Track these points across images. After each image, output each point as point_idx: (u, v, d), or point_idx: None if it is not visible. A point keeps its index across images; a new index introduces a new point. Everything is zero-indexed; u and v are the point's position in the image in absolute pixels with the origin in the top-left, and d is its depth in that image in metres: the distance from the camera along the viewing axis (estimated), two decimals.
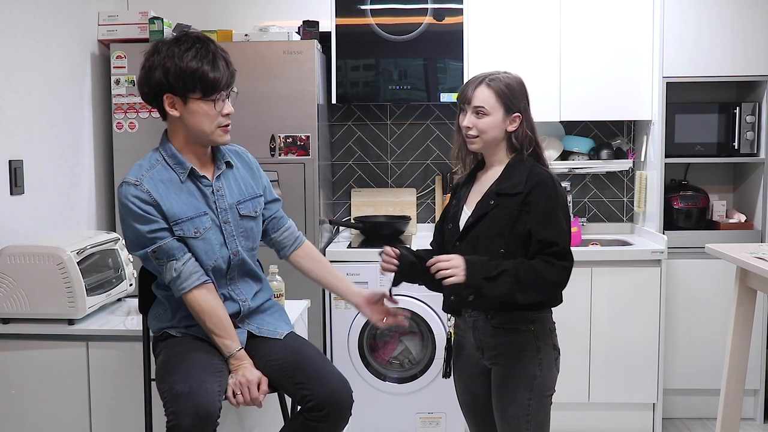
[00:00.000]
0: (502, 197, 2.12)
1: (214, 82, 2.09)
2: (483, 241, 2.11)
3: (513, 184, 2.12)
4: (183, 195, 2.15)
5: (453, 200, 2.30)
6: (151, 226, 2.10)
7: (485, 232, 2.11)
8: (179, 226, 2.13)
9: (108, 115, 3.48)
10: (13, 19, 2.78)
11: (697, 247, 3.46)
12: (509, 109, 2.15)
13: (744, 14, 3.61)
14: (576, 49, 3.68)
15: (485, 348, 2.18)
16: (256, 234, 2.30)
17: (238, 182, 2.26)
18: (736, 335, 2.92)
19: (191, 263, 2.13)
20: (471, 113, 2.16)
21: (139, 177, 2.12)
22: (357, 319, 3.47)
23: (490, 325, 2.15)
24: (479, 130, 2.15)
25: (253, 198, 2.28)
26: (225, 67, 2.12)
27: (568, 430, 3.62)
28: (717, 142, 3.74)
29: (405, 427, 3.49)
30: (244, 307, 2.25)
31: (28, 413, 2.55)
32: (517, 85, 2.18)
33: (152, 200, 2.10)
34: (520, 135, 2.17)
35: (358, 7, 3.67)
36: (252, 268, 2.30)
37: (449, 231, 2.23)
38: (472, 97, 2.16)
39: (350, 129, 4.11)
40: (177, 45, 2.09)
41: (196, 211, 2.15)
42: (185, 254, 2.13)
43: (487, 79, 2.16)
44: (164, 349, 2.20)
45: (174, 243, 2.12)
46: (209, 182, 2.20)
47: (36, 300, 2.49)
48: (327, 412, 2.11)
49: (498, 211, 2.11)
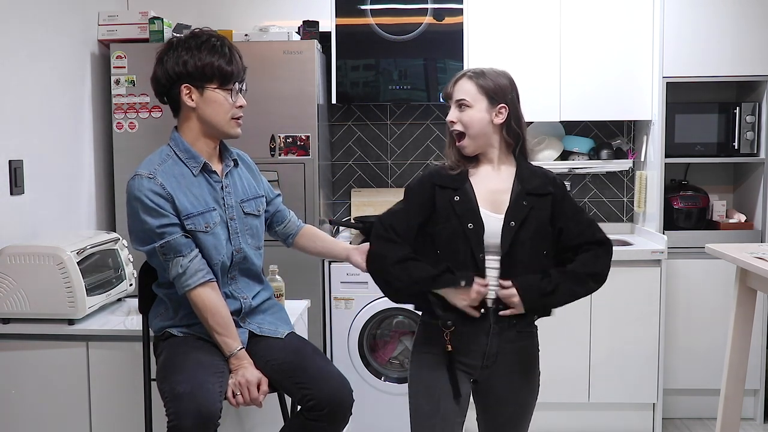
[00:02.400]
0: (532, 197, 2.07)
1: (230, 73, 2.16)
2: (529, 245, 2.04)
3: (541, 184, 2.09)
4: (194, 189, 2.17)
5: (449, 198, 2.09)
6: (161, 220, 2.10)
7: (531, 235, 2.04)
8: (191, 221, 2.14)
9: (108, 115, 3.48)
10: (13, 19, 2.78)
11: (697, 247, 3.46)
12: (493, 100, 2.07)
13: (744, 14, 3.61)
14: (576, 49, 3.68)
15: (501, 353, 2.08)
16: (261, 232, 2.34)
17: (243, 181, 2.30)
18: (736, 335, 2.92)
19: (197, 260, 2.14)
20: (454, 108, 2.10)
21: (153, 170, 2.13)
22: (357, 319, 3.47)
23: (516, 330, 2.09)
24: (464, 124, 2.07)
25: (255, 198, 2.32)
26: (239, 60, 2.20)
27: (568, 430, 3.62)
28: (717, 142, 3.74)
29: (405, 427, 3.47)
30: (246, 305, 2.26)
31: (28, 413, 2.55)
32: (503, 78, 2.11)
33: (166, 193, 2.11)
34: (509, 128, 2.09)
35: (358, 7, 3.67)
36: (254, 267, 2.31)
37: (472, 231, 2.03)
38: (452, 91, 2.11)
39: (350, 129, 4.11)
40: (193, 39, 2.17)
41: (207, 206, 2.18)
42: (192, 251, 2.14)
43: (469, 73, 2.11)
44: (166, 348, 2.20)
45: (182, 239, 2.12)
46: (219, 178, 2.23)
47: (36, 300, 2.49)
48: (327, 411, 2.11)
49: (535, 212, 2.06)
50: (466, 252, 2.04)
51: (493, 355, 2.08)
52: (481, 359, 2.08)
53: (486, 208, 2.06)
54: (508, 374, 2.11)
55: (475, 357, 2.08)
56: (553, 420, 3.58)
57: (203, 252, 2.16)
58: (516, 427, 2.17)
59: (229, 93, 2.17)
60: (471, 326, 2.06)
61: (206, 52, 2.14)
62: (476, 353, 2.08)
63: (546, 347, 2.22)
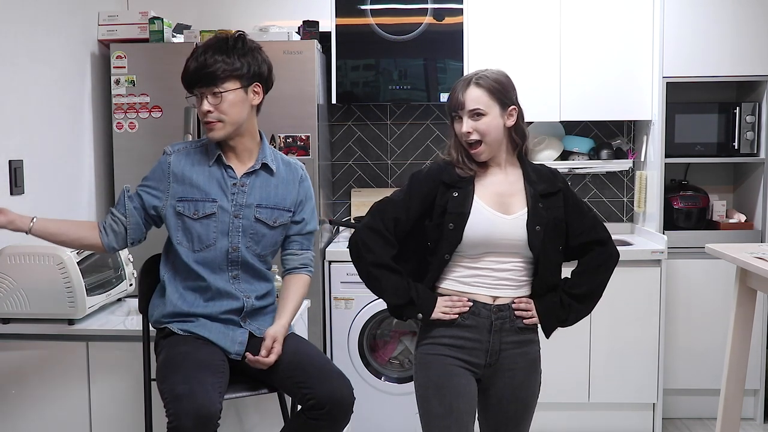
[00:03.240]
0: (545, 199, 2.10)
1: (184, 79, 2.22)
2: (549, 245, 2.08)
3: (549, 183, 2.12)
4: (201, 177, 2.24)
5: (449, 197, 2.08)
6: (145, 181, 2.28)
7: (551, 236, 2.08)
8: (181, 204, 2.23)
9: (108, 115, 3.48)
10: (13, 20, 2.78)
11: (697, 247, 3.46)
12: (504, 104, 2.08)
13: (744, 14, 3.61)
14: (576, 49, 3.68)
15: (503, 351, 2.10)
16: (268, 242, 2.30)
17: (269, 189, 2.28)
18: (736, 335, 2.92)
19: (115, 222, 2.27)
20: (467, 118, 2.06)
21: (173, 150, 2.29)
22: (357, 319, 3.47)
23: (517, 327, 2.11)
24: (480, 133, 2.06)
25: (276, 208, 2.29)
26: (200, 65, 2.17)
27: (568, 430, 3.62)
28: (717, 142, 3.74)
29: (405, 427, 3.48)
30: (247, 304, 2.26)
31: (28, 413, 2.55)
32: (505, 79, 2.11)
33: (170, 170, 2.25)
34: (518, 129, 2.12)
35: (358, 7, 3.67)
36: (259, 270, 2.31)
37: (450, 231, 2.07)
38: (464, 101, 2.06)
39: (350, 129, 4.11)
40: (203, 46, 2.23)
41: (204, 196, 2.23)
42: (124, 213, 2.26)
43: (474, 79, 2.08)
44: (165, 347, 2.20)
45: (128, 200, 2.27)
46: (234, 174, 2.26)
47: (36, 300, 2.49)
48: (328, 410, 2.11)
49: (551, 212, 2.09)
50: (442, 249, 2.07)
51: (496, 353, 2.09)
52: (485, 357, 2.09)
53: (496, 210, 2.08)
54: (509, 373, 2.11)
55: (479, 355, 2.09)
56: (553, 420, 3.58)
57: (189, 235, 2.24)
58: (517, 426, 2.17)
59: (195, 99, 2.22)
60: (474, 321, 2.08)
61: (190, 58, 2.21)
62: (480, 351, 2.09)
63: (546, 347, 2.21)
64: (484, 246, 2.07)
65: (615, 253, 2.20)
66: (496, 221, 2.07)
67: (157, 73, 3.32)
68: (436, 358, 2.10)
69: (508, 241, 2.06)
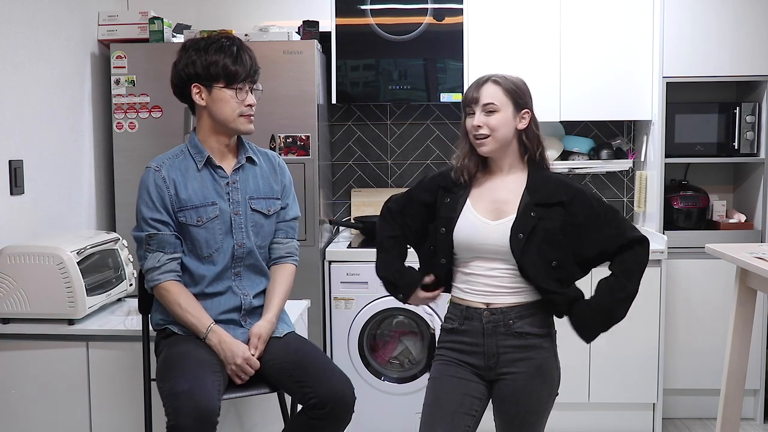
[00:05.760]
0: (540, 208, 2.07)
1: (234, 72, 2.22)
2: (537, 255, 2.05)
3: (551, 193, 2.09)
4: (195, 183, 2.24)
5: (443, 201, 2.17)
6: (154, 214, 2.21)
7: (539, 246, 2.04)
8: (183, 213, 2.22)
9: (108, 115, 3.48)
10: (13, 19, 2.78)
11: (697, 247, 3.46)
12: (518, 105, 2.10)
13: (744, 14, 3.60)
14: (576, 49, 3.68)
15: (502, 354, 2.10)
16: (267, 232, 2.34)
17: (257, 180, 2.33)
18: (736, 335, 2.92)
19: (175, 263, 2.22)
20: (480, 112, 2.08)
21: (161, 164, 2.26)
22: (357, 319, 3.47)
23: (513, 331, 2.10)
24: (491, 128, 2.07)
25: (268, 198, 2.34)
26: (248, 61, 2.26)
27: (568, 430, 3.62)
28: (717, 142, 3.74)
29: (405, 427, 3.48)
30: (245, 302, 2.27)
31: (28, 413, 2.55)
32: (523, 84, 2.15)
33: (168, 185, 2.21)
34: (531, 133, 2.13)
35: (358, 7, 3.67)
36: (260, 266, 2.32)
37: (442, 235, 2.13)
38: (479, 96, 2.09)
39: (350, 129, 4.11)
40: (204, 40, 2.26)
41: (204, 201, 2.23)
42: (175, 252, 2.22)
43: (493, 78, 2.11)
44: (166, 347, 2.21)
45: (171, 238, 2.21)
46: (225, 173, 2.28)
47: (36, 300, 2.49)
48: (329, 409, 2.11)
49: (545, 222, 2.06)
50: (439, 254, 2.15)
51: (494, 356, 2.10)
52: (484, 359, 2.11)
53: (486, 216, 2.10)
54: (510, 376, 2.12)
55: (479, 358, 2.12)
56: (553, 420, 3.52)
57: (194, 244, 2.23)
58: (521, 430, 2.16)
59: (234, 92, 2.23)
60: (468, 326, 2.12)
61: (213, 51, 2.22)
62: (479, 354, 2.11)
63: None
64: (470, 251, 2.11)
65: (642, 253, 2.18)
66: (479, 226, 2.09)
67: (157, 73, 3.32)
68: (440, 358, 2.18)
69: (490, 246, 2.08)
